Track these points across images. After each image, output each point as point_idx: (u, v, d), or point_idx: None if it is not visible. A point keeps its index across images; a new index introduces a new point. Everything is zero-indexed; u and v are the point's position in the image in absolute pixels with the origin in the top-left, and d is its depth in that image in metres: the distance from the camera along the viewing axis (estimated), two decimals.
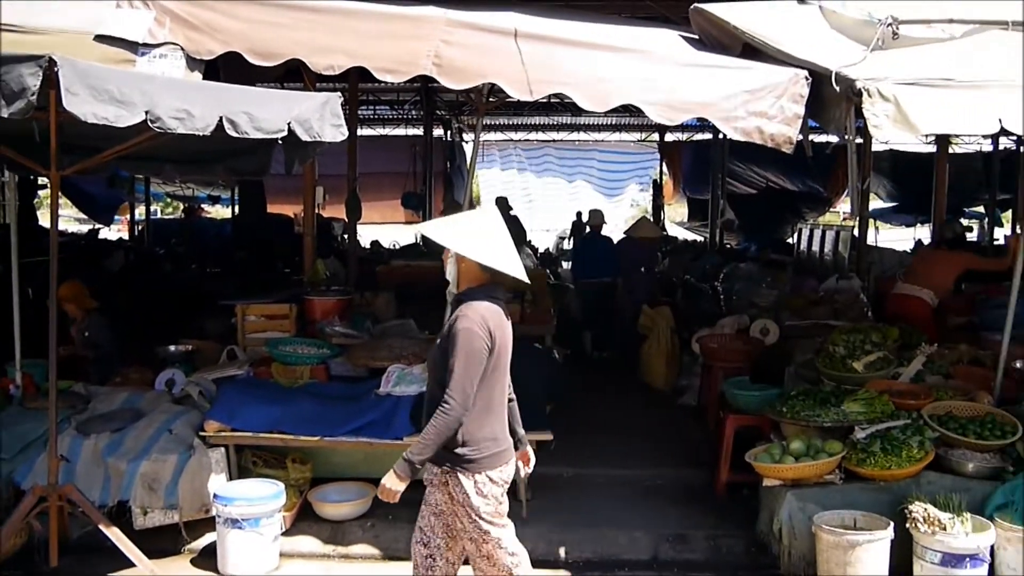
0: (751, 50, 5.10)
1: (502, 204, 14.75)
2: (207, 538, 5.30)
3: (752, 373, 6.91)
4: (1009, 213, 16.96)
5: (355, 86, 9.02)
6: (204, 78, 4.74)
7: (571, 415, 7.26)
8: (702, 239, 17.46)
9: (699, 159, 17.24)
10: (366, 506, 5.61)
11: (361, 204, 9.51)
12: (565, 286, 12.75)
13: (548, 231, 22.04)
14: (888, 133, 3.98)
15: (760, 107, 4.21)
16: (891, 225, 21.71)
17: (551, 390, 6.14)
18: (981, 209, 18.49)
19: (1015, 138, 6.95)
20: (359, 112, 17.14)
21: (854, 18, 5.14)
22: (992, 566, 4.62)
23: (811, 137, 4.65)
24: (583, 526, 5.50)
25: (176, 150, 5.67)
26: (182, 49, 4.64)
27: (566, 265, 16.05)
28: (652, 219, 18.44)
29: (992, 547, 4.60)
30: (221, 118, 4.00)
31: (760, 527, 5.29)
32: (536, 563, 5.24)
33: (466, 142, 19.60)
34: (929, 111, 3.94)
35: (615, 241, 10.68)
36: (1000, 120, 3.88)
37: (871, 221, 21.88)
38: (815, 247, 12.13)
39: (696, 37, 5.78)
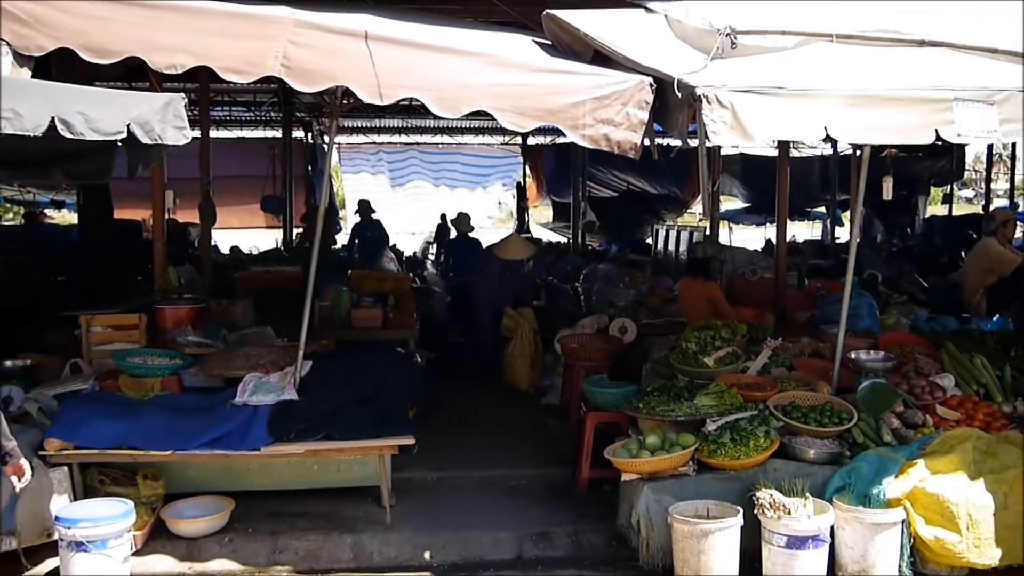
0: (601, 57, 5.22)
1: (364, 207, 14.61)
2: (49, 564, 5.01)
3: (611, 371, 7.10)
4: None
5: (206, 86, 8.73)
6: (34, 76, 4.48)
7: (436, 418, 7.27)
8: (565, 240, 17.78)
9: (561, 162, 17.58)
10: (224, 520, 5.44)
11: (216, 209, 9.20)
12: (431, 289, 12.74)
13: (414, 234, 21.93)
14: (724, 139, 4.15)
15: (607, 114, 4.30)
16: (743, 225, 22.79)
17: (414, 394, 6.13)
18: (823, 209, 19.63)
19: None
20: (213, 113, 16.71)
21: (696, 27, 5.33)
22: (832, 545, 4.90)
23: (668, 141, 4.79)
24: (447, 529, 5.50)
25: (9, 152, 5.33)
26: (7, 44, 4.36)
27: (434, 269, 16.05)
28: (518, 223, 18.70)
29: (832, 527, 4.87)
30: (53, 118, 3.80)
31: (620, 521, 5.42)
32: (401, 568, 5.26)
33: (329, 145, 19.27)
34: (762, 118, 4.13)
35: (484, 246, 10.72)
36: (825, 128, 4.13)
37: (724, 222, 23.00)
38: (671, 247, 12.55)
39: (549, 43, 5.88)
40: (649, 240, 16.18)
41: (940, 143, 4.52)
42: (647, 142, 4.57)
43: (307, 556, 5.29)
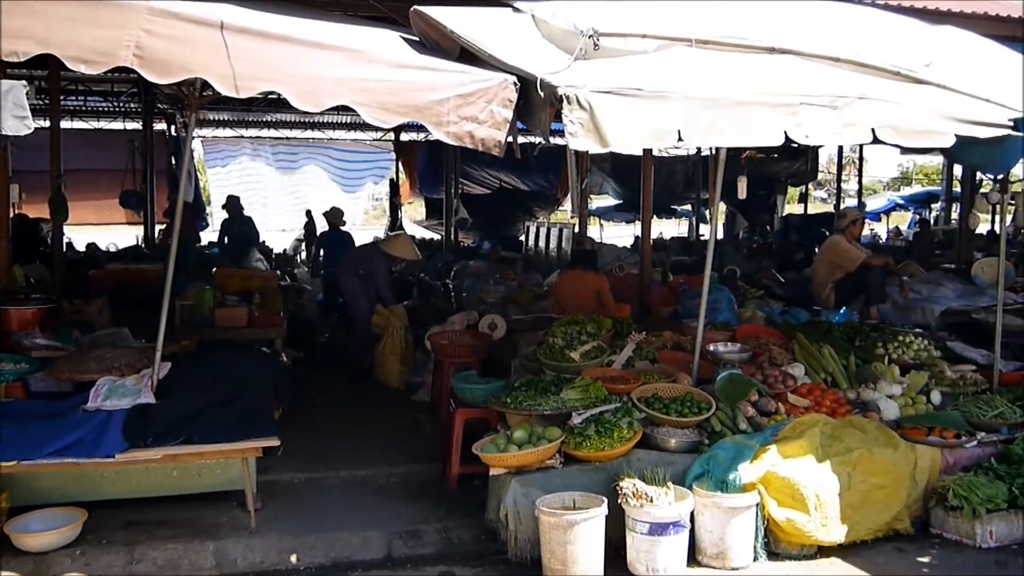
0: (468, 55, 5.24)
1: (233, 203, 14.18)
2: None
3: (481, 367, 7.15)
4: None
5: (56, 74, 8.26)
6: None
7: (303, 418, 7.15)
8: (439, 237, 17.79)
9: (433, 159, 17.58)
10: (75, 533, 5.16)
11: (68, 203, 8.73)
12: (301, 287, 12.50)
13: (284, 231, 21.45)
14: (581, 143, 4.19)
15: (472, 112, 4.31)
16: (613, 222, 23.36)
17: (279, 394, 6.00)
18: (689, 207, 20.34)
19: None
20: (67, 103, 15.85)
21: (562, 28, 5.43)
22: (693, 530, 5.09)
23: (538, 139, 4.82)
24: (315, 531, 5.41)
25: None
26: None
27: (305, 267, 15.74)
28: (391, 220, 18.55)
29: (692, 513, 5.06)
30: None
31: (489, 515, 5.46)
32: (266, 573, 5.13)
33: (193, 137, 18.55)
34: (619, 122, 4.19)
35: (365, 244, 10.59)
36: (679, 132, 4.27)
37: (596, 219, 23.49)
38: (542, 244, 12.74)
39: (417, 39, 5.86)
40: (522, 237, 16.39)
41: (795, 146, 4.76)
42: (512, 139, 4.62)
43: (166, 566, 5.10)
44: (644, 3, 5.96)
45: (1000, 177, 6.82)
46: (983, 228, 16.92)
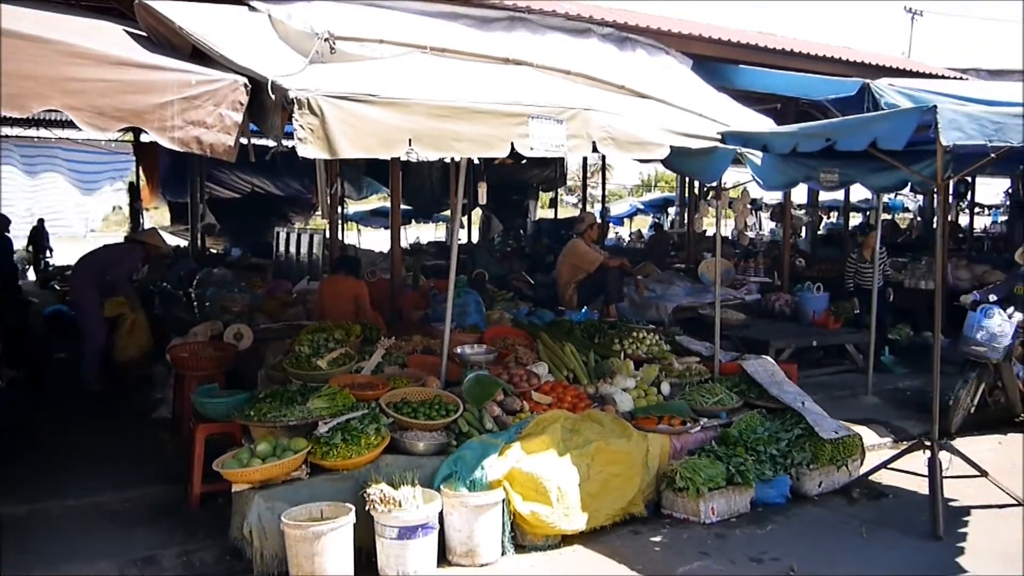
0: (200, 54, 5.01)
1: None
2: None
3: (227, 379, 6.85)
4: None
5: None
6: None
7: (27, 445, 6.53)
8: (186, 243, 16.85)
9: (177, 162, 16.59)
10: None
11: None
12: (27, 301, 11.40)
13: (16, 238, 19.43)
14: (310, 150, 4.10)
15: (199, 115, 4.08)
16: (372, 227, 23.23)
17: None
18: (448, 212, 20.61)
19: None
20: None
21: (299, 30, 5.34)
22: (442, 531, 5.16)
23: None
24: (41, 568, 4.94)
25: None
26: None
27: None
28: (132, 225, 17.34)
29: (441, 514, 5.13)
30: None
31: (233, 534, 5.24)
32: None
33: None
34: (349, 130, 4.14)
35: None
36: (410, 140, 4.30)
37: (355, 224, 23.25)
38: (293, 250, 12.43)
39: (145, 35, 5.52)
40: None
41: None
42: (247, 143, 4.46)
43: None
44: (384, 10, 5.99)
45: (714, 184, 7.49)
46: (713, 230, 18.48)
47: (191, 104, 4.09)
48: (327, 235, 10.22)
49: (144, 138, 17.51)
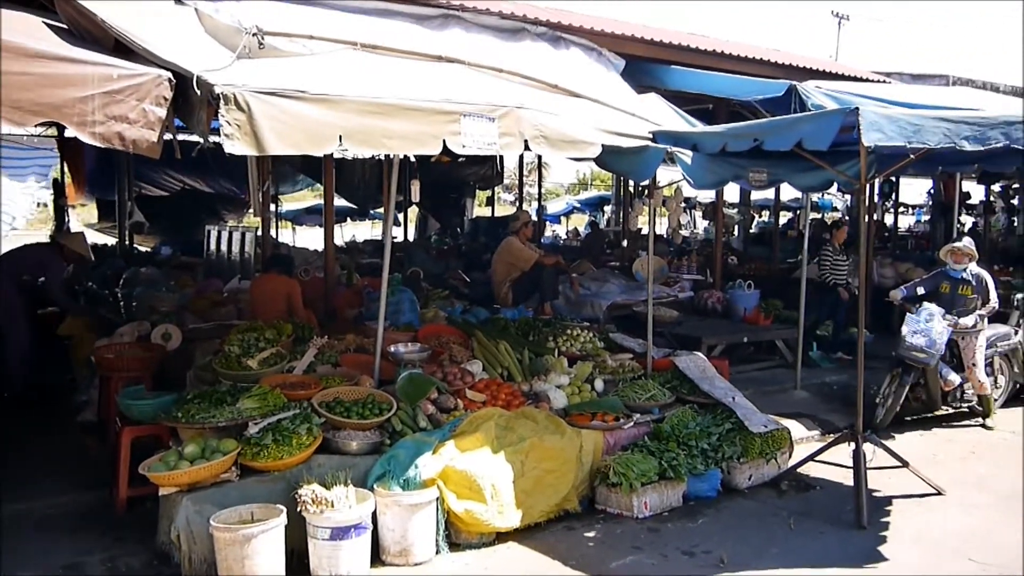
0: (123, 48, 4.88)
1: None
2: None
3: (155, 381, 6.71)
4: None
5: None
6: None
7: None
8: (114, 242, 16.42)
9: (105, 158, 16.14)
10: None
11: None
12: None
13: None
14: (238, 147, 4.03)
15: (121, 110, 3.97)
16: (307, 226, 22.96)
17: None
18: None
19: None
20: None
21: (227, 24, 5.24)
22: (376, 530, 5.12)
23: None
24: None
25: None
26: None
27: None
28: (56, 223, 16.79)
29: (375, 513, 5.10)
30: None
31: (161, 538, 5.13)
32: None
33: None
34: (278, 126, 4.08)
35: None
36: (340, 137, 4.26)
37: (289, 222, 22.96)
38: (225, 248, 12.20)
39: (66, 27, 5.36)
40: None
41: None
42: (173, 139, 4.36)
43: None
44: (316, 7, 5.91)
45: (646, 183, 7.58)
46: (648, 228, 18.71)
47: (113, 99, 3.99)
48: (260, 233, 10.06)
49: (69, 133, 17.03)
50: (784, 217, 23.82)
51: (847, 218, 21.23)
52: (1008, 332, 8.75)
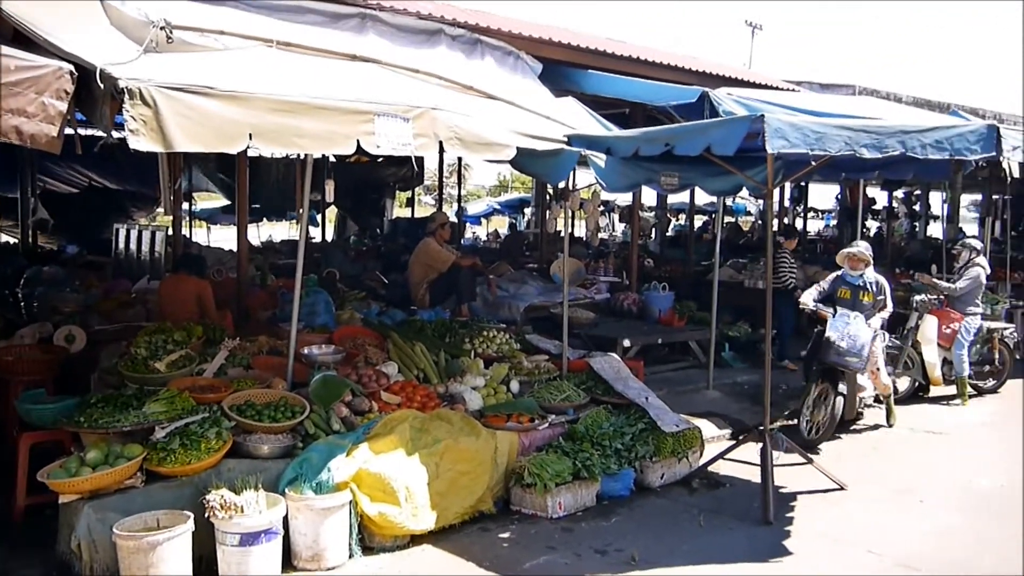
0: (23, 38, 4.71)
1: None
2: None
3: (57, 384, 6.47)
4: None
5: None
6: None
7: None
8: (15, 240, 15.79)
9: (6, 153, 15.49)
10: None
11: None
12: None
13: None
14: (143, 143, 3.92)
15: (19, 104, 3.82)
16: (221, 225, 22.44)
17: None
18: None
19: None
20: None
21: (134, 17, 5.10)
22: (288, 535, 5.05)
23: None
24: None
25: None
26: None
27: None
28: None
29: (286, 518, 5.02)
30: None
31: (61, 548, 4.95)
32: None
33: None
34: (185, 122, 3.99)
35: None
36: (250, 135, 4.18)
37: (203, 222, 22.41)
38: (134, 247, 11.86)
39: None
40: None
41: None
42: (74, 133, 4.22)
43: None
44: (229, 4, 5.79)
45: (562, 185, 7.66)
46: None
47: (10, 91, 3.85)
48: (171, 232, 9.80)
49: None
50: (700, 220, 24.35)
51: (826, 228, 21.85)
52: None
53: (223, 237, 22.09)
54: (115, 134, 4.20)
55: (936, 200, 21.46)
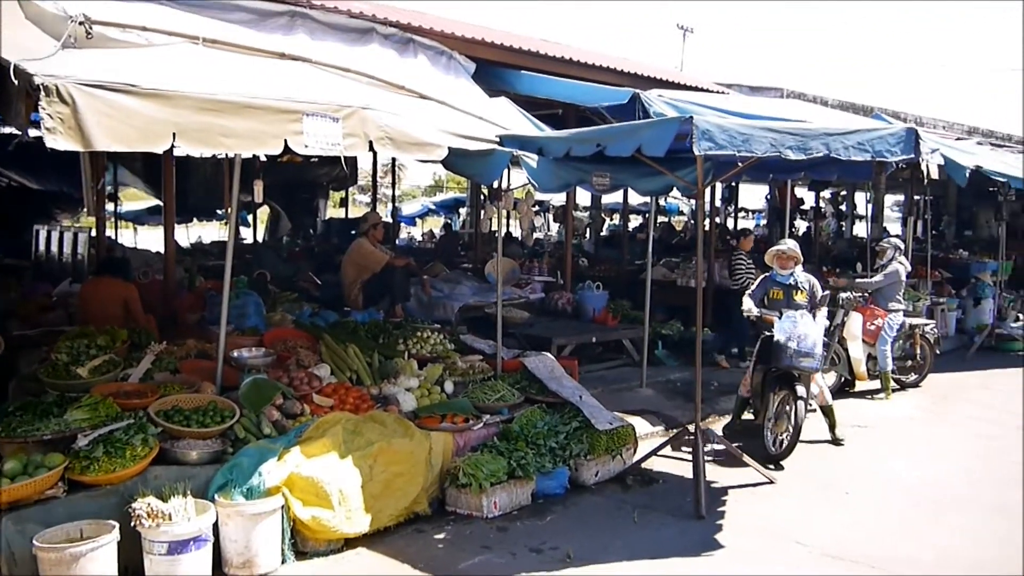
0: None
1: None
2: None
3: None
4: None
5: None
6: None
7: None
8: None
9: None
10: None
11: None
12: None
13: None
14: (61, 142, 3.78)
15: None
16: (149, 226, 21.92)
17: None
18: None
19: None
20: None
21: (51, 12, 4.95)
22: (218, 542, 4.95)
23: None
24: None
25: None
26: None
27: None
28: None
29: (216, 525, 4.92)
30: None
31: None
32: None
33: None
34: (106, 120, 3.87)
35: None
36: (175, 134, 4.08)
37: (129, 223, 21.85)
38: (56, 249, 11.51)
39: None
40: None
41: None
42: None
43: None
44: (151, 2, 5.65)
45: (496, 185, 7.66)
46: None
47: None
48: (94, 234, 9.53)
49: None
50: (635, 220, 24.62)
51: (756, 228, 22.17)
52: None
53: (150, 239, 21.57)
54: (32, 132, 4.04)
55: (861, 200, 22.10)
